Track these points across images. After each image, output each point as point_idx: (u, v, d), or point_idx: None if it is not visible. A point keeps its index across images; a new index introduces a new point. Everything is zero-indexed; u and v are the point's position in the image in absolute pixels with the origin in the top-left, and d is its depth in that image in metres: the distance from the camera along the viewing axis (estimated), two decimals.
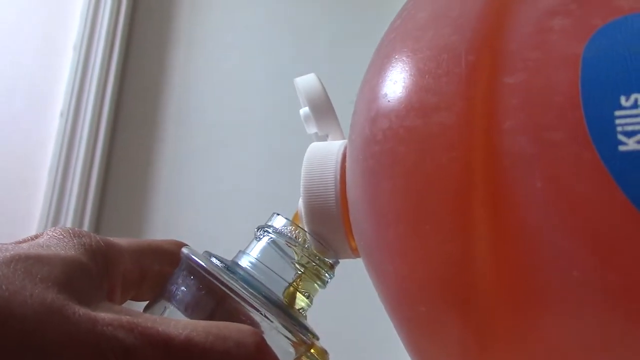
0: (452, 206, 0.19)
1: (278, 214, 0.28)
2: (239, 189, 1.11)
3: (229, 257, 0.28)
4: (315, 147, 0.27)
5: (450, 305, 0.20)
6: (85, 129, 1.14)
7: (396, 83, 0.21)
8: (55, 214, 1.09)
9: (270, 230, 0.28)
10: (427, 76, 0.20)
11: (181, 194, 1.15)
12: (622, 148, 0.17)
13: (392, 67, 0.21)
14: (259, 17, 1.25)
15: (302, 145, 0.29)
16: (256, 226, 0.29)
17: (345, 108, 0.24)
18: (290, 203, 0.30)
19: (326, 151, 0.26)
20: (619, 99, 0.18)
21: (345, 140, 0.28)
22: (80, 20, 1.21)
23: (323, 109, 0.29)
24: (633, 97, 0.18)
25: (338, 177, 0.25)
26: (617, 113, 0.18)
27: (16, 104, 1.17)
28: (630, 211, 0.17)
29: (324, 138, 0.30)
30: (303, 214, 0.26)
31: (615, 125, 0.17)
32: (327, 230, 0.26)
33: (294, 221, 0.28)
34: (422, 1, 0.23)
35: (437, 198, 0.19)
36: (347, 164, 0.24)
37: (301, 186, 0.26)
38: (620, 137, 0.17)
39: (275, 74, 1.19)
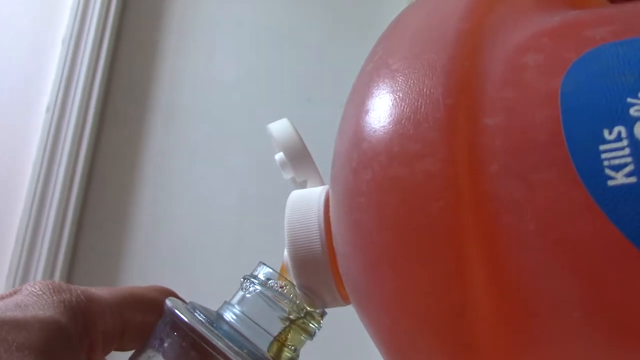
0: (446, 256, 0.19)
1: (264, 264, 0.28)
2: (226, 189, 1.13)
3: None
4: (295, 196, 0.26)
5: (450, 356, 0.20)
6: (71, 125, 1.14)
7: (375, 131, 0.20)
8: (38, 208, 1.09)
9: (256, 282, 0.27)
10: (406, 123, 0.20)
11: (167, 192, 1.16)
12: (611, 183, 0.17)
13: (369, 114, 0.21)
14: (248, 16, 1.29)
15: None
16: (242, 276, 0.28)
17: (334, 111, 0.24)
18: (277, 205, 0.30)
19: (307, 200, 0.26)
20: (602, 133, 0.17)
21: (326, 186, 0.27)
22: (69, 15, 1.21)
23: (299, 155, 0.29)
24: (616, 129, 0.17)
25: (322, 226, 0.25)
26: (602, 147, 0.17)
27: (2, 96, 1.17)
28: (626, 247, 0.17)
29: (302, 184, 0.29)
30: (290, 266, 0.26)
31: (601, 160, 0.17)
32: (315, 282, 0.25)
33: (281, 273, 0.27)
34: (392, 45, 0.23)
35: (430, 249, 0.19)
36: (332, 216, 0.23)
37: (285, 238, 0.25)
38: (608, 172, 0.17)
39: (264, 74, 1.22)
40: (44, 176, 1.10)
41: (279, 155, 0.30)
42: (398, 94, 0.20)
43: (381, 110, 0.21)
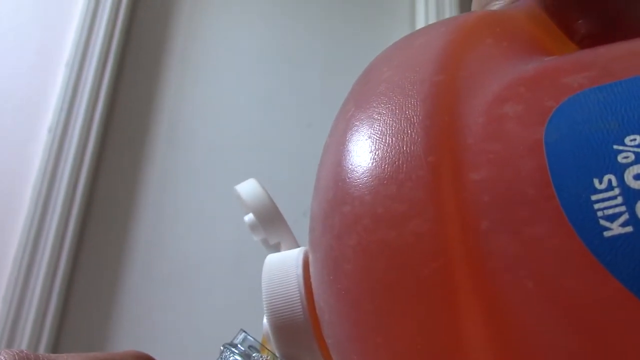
0: (443, 321, 0.18)
1: (244, 332, 0.26)
2: (227, 214, 1.14)
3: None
4: (271, 262, 0.25)
5: None
6: (73, 146, 1.15)
7: (356, 193, 0.20)
8: (37, 227, 1.09)
9: (236, 352, 0.26)
10: (388, 183, 0.19)
11: (167, 215, 1.18)
12: (607, 234, 0.16)
13: (348, 175, 0.20)
14: (249, 43, 1.32)
15: (291, 170, 0.28)
16: (222, 344, 0.27)
17: None
18: None
19: (285, 266, 0.24)
20: (592, 183, 0.17)
21: (302, 248, 0.26)
22: (73, 38, 1.22)
23: (270, 217, 0.28)
24: (606, 178, 0.17)
25: (303, 293, 0.23)
26: (594, 197, 0.17)
27: (5, 117, 1.16)
28: (629, 299, 0.16)
29: (275, 246, 0.28)
30: (271, 336, 0.24)
31: (594, 211, 0.17)
32: (299, 352, 0.24)
33: (262, 343, 0.26)
34: (364, 101, 0.22)
35: (426, 314, 0.18)
36: (314, 283, 0.22)
37: (264, 307, 0.24)
38: (603, 223, 0.17)
39: (265, 99, 1.24)
40: (44, 197, 1.10)
41: (249, 217, 0.29)
42: (377, 152, 0.20)
43: (361, 171, 0.20)
